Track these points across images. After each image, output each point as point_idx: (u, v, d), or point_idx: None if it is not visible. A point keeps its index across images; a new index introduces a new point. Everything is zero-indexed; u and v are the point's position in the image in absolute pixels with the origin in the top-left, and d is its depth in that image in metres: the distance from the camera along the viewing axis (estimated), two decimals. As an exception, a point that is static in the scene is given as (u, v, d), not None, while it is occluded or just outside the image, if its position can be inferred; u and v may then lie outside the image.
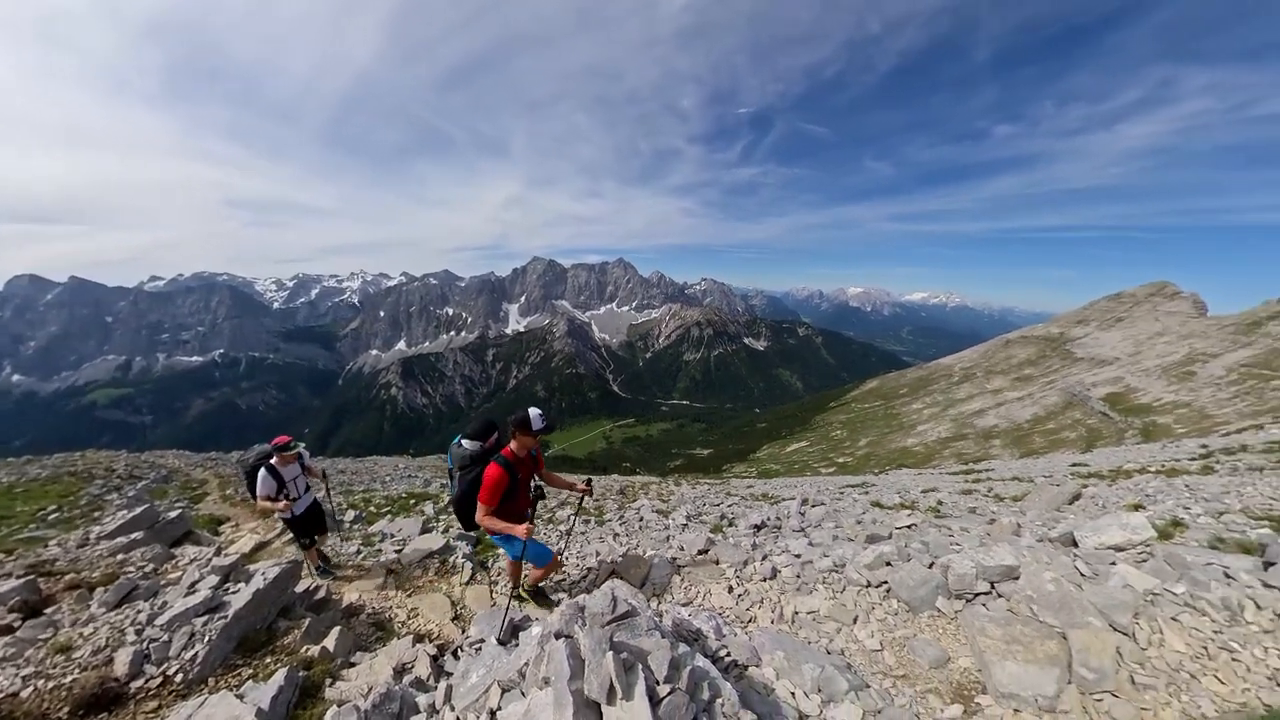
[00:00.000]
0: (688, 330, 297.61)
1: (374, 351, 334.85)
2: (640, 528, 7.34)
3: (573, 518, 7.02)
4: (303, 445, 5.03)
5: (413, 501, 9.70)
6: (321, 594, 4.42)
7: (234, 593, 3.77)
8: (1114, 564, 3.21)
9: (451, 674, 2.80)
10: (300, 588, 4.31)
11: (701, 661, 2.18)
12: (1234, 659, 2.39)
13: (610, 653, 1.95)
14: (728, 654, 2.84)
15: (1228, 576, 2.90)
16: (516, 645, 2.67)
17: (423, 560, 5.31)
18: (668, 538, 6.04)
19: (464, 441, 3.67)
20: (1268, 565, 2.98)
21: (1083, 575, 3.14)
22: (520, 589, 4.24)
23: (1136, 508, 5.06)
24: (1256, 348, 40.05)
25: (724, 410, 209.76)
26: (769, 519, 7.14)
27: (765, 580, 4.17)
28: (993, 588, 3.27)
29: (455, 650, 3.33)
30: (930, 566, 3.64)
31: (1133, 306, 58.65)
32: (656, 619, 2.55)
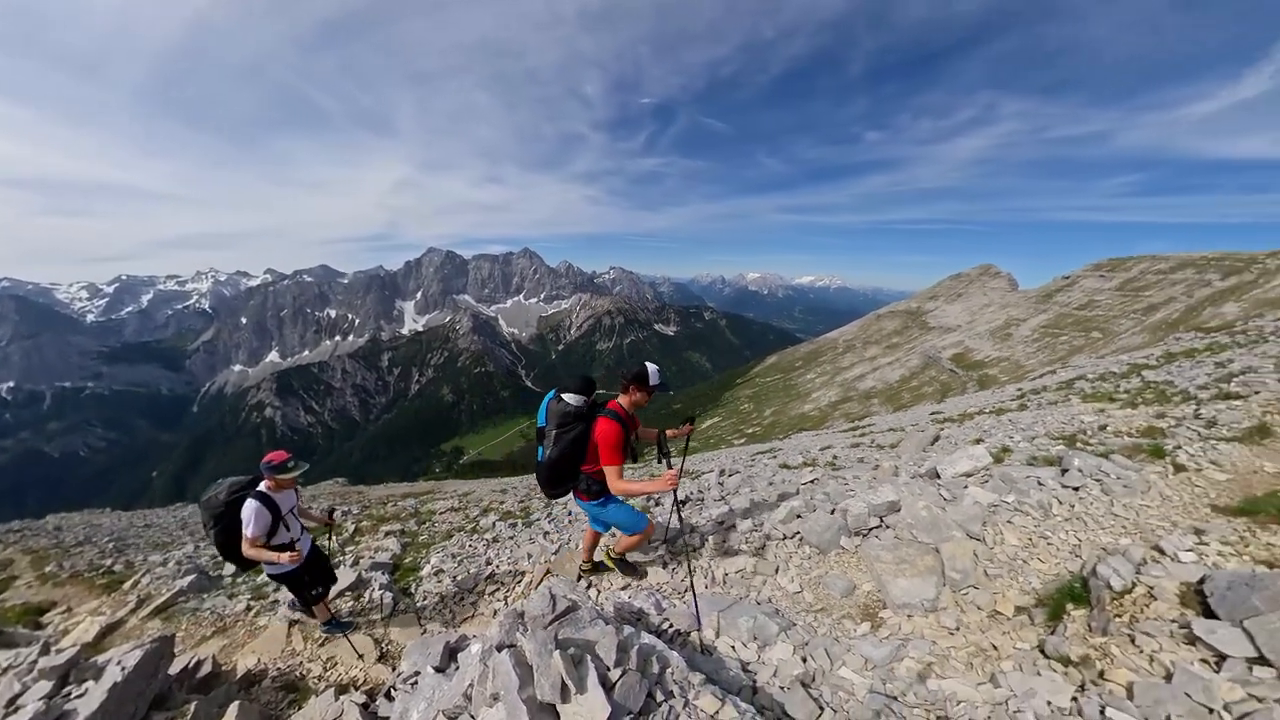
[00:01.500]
0: (599, 320, 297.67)
1: (237, 367, 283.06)
2: (570, 521, 7.30)
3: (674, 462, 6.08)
4: (305, 466, 3.78)
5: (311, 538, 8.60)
6: (207, 668, 3.64)
7: (79, 697, 2.93)
8: (966, 487, 3.93)
9: (389, 718, 2.59)
10: (177, 666, 3.51)
11: (647, 638, 2.26)
12: (1048, 544, 3.09)
13: (557, 652, 1.94)
14: (670, 625, 2.98)
15: (1040, 484, 3.72)
16: (457, 669, 2.54)
17: (331, 601, 4.73)
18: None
19: (567, 396, 3.28)
20: (1064, 472, 3.89)
21: (945, 500, 3.80)
22: (608, 556, 4.10)
23: (978, 441, 6.22)
24: (1050, 313, 51.16)
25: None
26: (692, 493, 7.52)
27: (695, 550, 4.41)
28: (881, 521, 3.82)
29: (388, 691, 3.05)
30: (832, 513, 4.12)
31: (968, 284, 71.68)
32: (598, 609, 2.57)
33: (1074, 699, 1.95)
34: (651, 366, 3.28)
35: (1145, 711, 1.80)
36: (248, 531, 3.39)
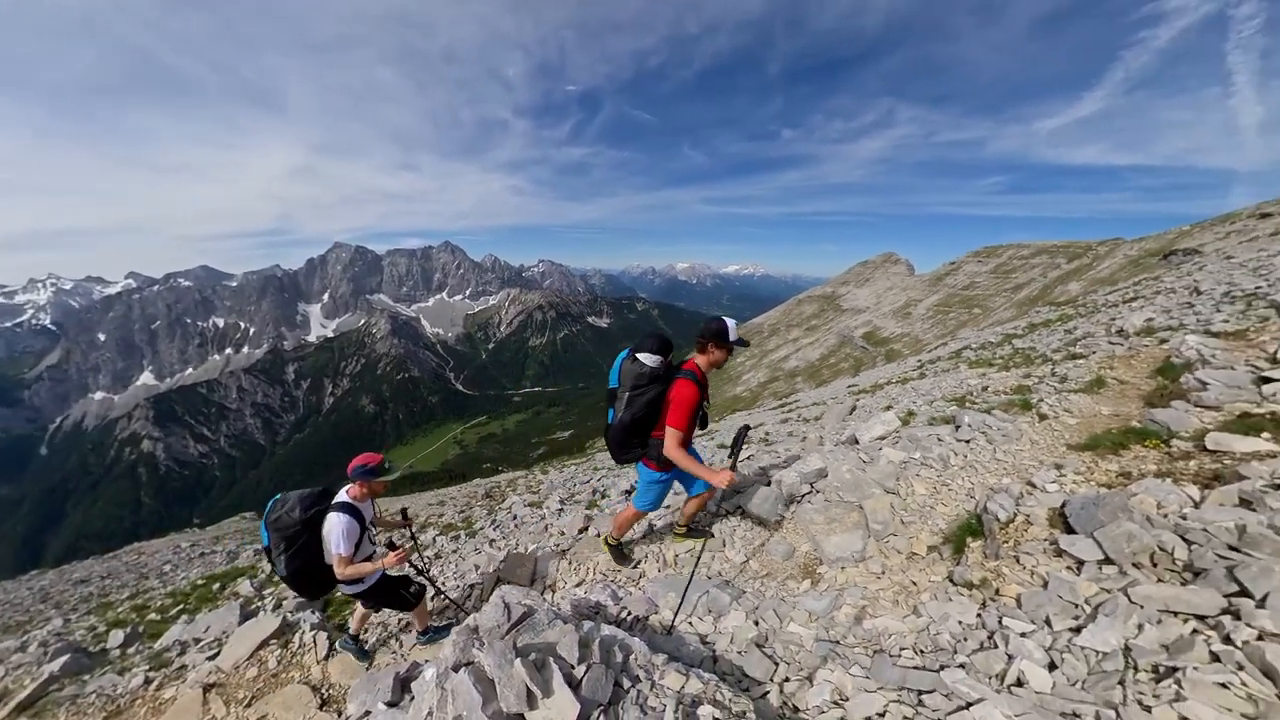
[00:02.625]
0: (530, 315, 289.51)
1: (98, 395, 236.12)
2: (516, 526, 7.13)
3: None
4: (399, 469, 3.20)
5: (218, 586, 7.42)
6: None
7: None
8: (881, 449, 4.39)
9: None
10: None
11: (607, 629, 2.28)
12: (949, 490, 3.56)
13: (518, 660, 1.90)
14: (628, 613, 3.05)
15: (939, 440, 4.25)
16: (412, 699, 2.40)
17: (255, 654, 4.16)
18: (545, 527, 6.01)
19: (643, 356, 3.02)
20: (957, 428, 4.47)
21: (864, 462, 4.21)
22: (680, 528, 3.98)
23: (888, 408, 6.95)
24: (941, 294, 58.60)
25: (578, 390, 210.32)
26: (635, 482, 7.66)
27: (644, 536, 4.52)
28: (812, 487, 4.15)
29: (334, 738, 2.82)
30: (769, 485, 4.42)
31: (874, 270, 79.60)
32: (555, 609, 2.55)
33: (978, 615, 2.29)
34: (729, 320, 3.08)
35: (1031, 615, 2.17)
36: (339, 550, 2.94)
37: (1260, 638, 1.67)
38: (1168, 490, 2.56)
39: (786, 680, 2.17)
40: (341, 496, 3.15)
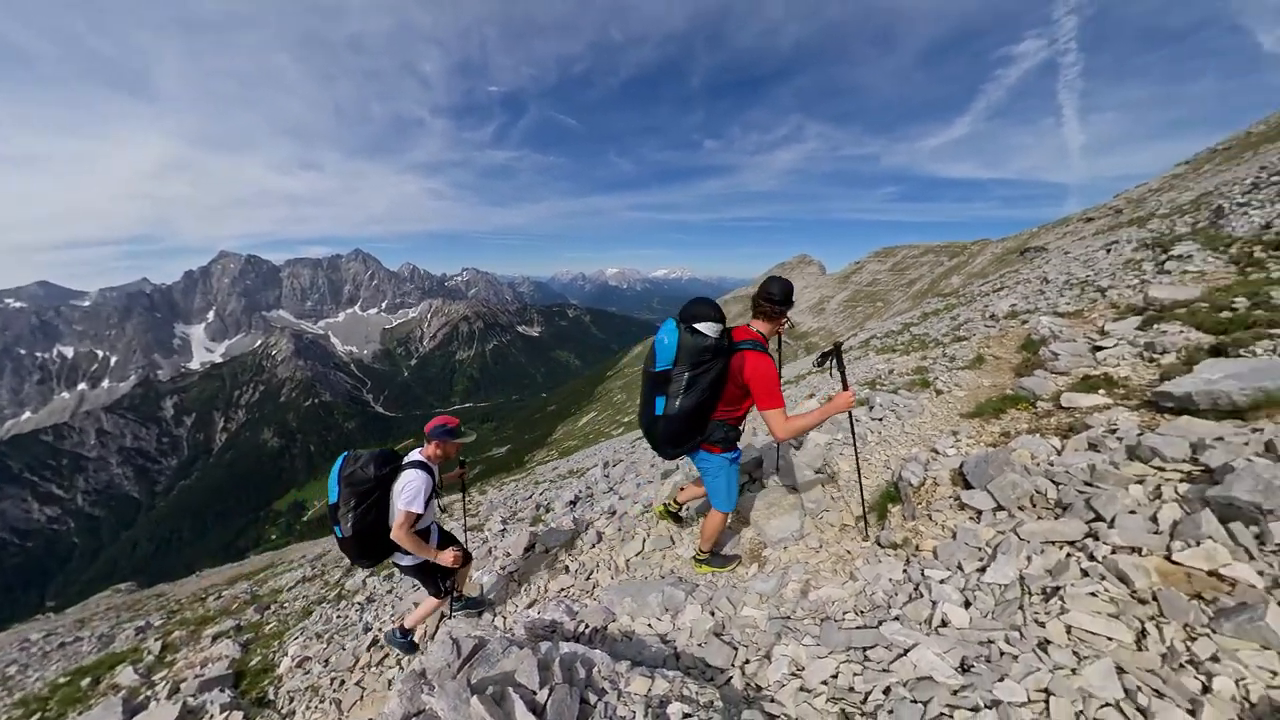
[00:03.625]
0: (455, 327, 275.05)
1: None
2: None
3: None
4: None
5: (89, 681, 6.01)
6: None
7: None
8: (808, 434, 4.74)
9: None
10: None
11: (566, 647, 2.21)
12: (869, 464, 3.93)
13: (474, 698, 1.77)
14: (586, 625, 3.00)
15: (857, 421, 4.67)
16: None
17: None
18: (489, 550, 5.73)
19: (703, 326, 2.49)
20: (871, 409, 4.95)
21: (794, 447, 4.51)
22: (697, 560, 3.40)
23: (810, 396, 7.51)
24: (849, 291, 65.43)
25: (511, 403, 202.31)
26: (580, 491, 7.58)
27: (594, 546, 4.48)
28: (750, 477, 4.38)
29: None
30: None
31: (790, 271, 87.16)
32: (509, 635, 2.44)
33: (904, 571, 2.56)
34: (785, 280, 2.67)
35: (946, 563, 2.47)
36: (412, 506, 2.87)
37: (1114, 551, 2.06)
38: (1038, 443, 3.03)
39: (747, 662, 2.27)
40: (415, 456, 3.07)
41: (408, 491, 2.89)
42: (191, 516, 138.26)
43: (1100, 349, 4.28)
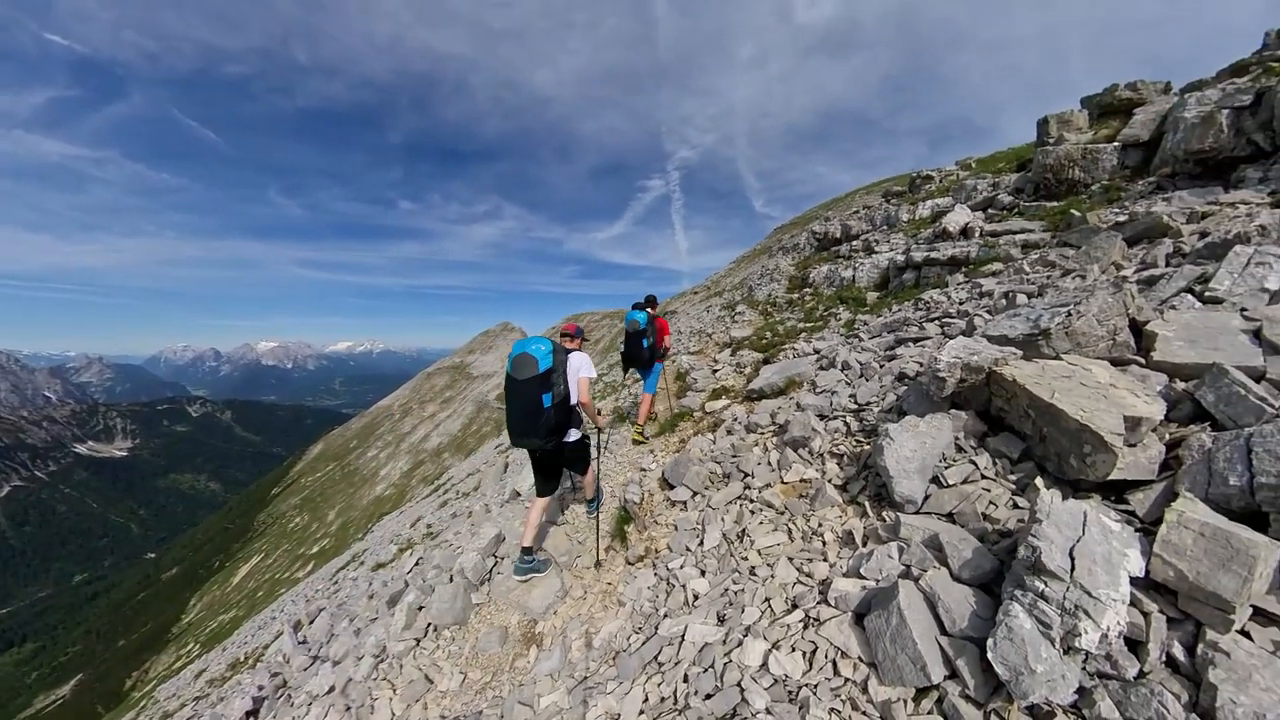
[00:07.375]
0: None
1: None
2: None
3: None
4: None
5: None
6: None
7: None
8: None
9: None
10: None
11: None
12: (604, 498, 4.39)
13: None
14: None
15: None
16: None
17: None
18: None
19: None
20: (593, 446, 5.60)
21: (528, 508, 4.53)
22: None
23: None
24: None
25: (67, 592, 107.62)
26: (262, 688, 5.10)
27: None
28: (495, 556, 4.13)
29: None
30: (451, 580, 3.91)
31: (495, 338, 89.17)
32: None
33: (655, 574, 2.96)
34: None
35: (678, 550, 3.01)
36: (591, 374, 3.50)
37: (760, 490, 3.10)
38: (703, 441, 4.18)
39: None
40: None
41: (586, 365, 3.49)
42: None
43: (717, 370, 6.35)
